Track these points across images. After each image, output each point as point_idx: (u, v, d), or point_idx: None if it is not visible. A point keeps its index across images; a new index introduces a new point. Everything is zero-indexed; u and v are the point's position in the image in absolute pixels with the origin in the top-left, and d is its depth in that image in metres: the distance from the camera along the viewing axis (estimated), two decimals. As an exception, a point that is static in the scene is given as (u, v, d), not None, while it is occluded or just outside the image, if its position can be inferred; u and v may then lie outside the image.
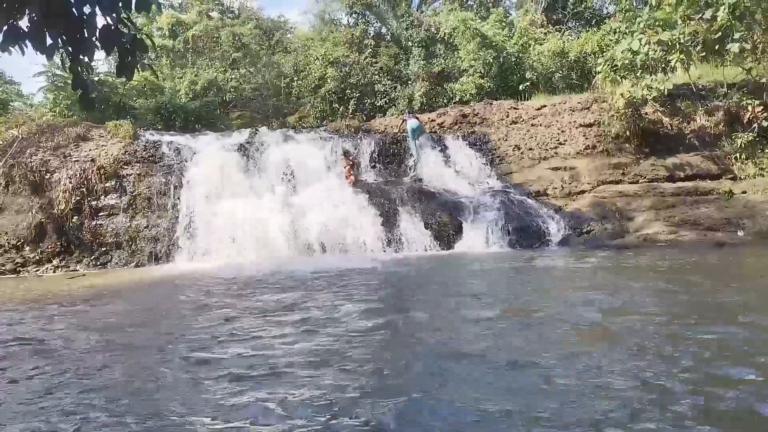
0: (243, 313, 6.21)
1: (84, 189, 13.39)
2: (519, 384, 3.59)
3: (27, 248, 12.58)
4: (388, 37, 27.16)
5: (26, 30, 3.65)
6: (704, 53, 14.88)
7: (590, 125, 15.91)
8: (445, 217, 13.26)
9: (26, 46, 3.69)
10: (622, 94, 14.48)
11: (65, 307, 7.55)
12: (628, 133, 14.96)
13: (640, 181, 14.59)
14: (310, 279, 8.86)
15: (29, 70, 54.82)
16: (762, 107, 14.20)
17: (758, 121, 14.14)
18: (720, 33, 13.89)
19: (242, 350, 4.59)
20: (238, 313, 6.22)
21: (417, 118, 16.48)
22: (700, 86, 15.96)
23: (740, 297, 6.23)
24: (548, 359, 3.99)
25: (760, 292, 6.64)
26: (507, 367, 3.88)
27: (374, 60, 24.87)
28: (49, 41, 3.70)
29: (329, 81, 23.63)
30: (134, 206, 13.47)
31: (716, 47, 14.43)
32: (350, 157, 14.68)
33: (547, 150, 15.80)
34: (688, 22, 14.54)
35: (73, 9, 3.70)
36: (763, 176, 13.91)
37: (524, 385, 3.56)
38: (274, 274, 9.74)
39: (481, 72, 21.48)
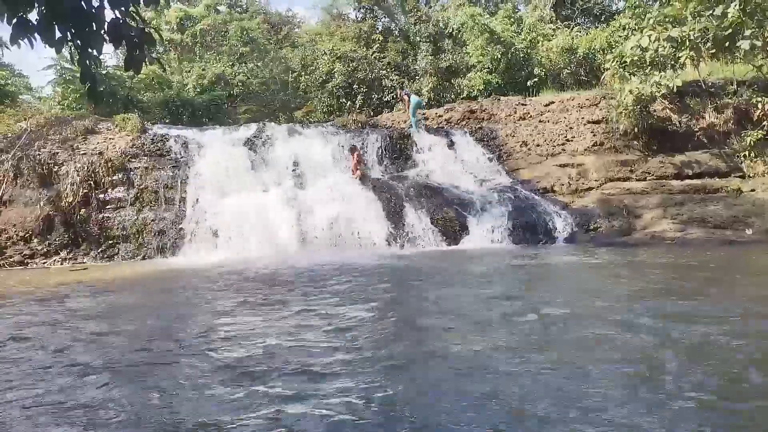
0: (247, 309, 6.19)
1: (91, 182, 13.43)
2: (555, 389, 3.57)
3: (35, 240, 12.63)
4: (396, 32, 27.11)
5: (35, 23, 3.66)
6: (714, 50, 14.76)
7: (598, 122, 15.84)
8: (452, 213, 13.22)
9: (35, 40, 3.70)
10: (630, 91, 14.38)
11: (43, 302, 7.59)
12: (636, 130, 14.88)
13: (648, 178, 14.52)
14: (317, 274, 8.83)
15: (38, 63, 55.25)
16: (772, 105, 14.08)
17: (768, 119, 14.05)
18: (730, 29, 13.77)
19: (245, 348, 4.55)
20: (242, 309, 6.21)
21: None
22: (710, 83, 15.84)
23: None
24: (568, 360, 3.97)
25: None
26: (541, 371, 3.85)
27: (382, 55, 24.84)
28: (57, 35, 3.71)
29: (337, 76, 23.62)
30: (141, 199, 13.50)
31: (726, 44, 14.29)
32: (357, 153, 14.67)
33: (554, 146, 15.76)
34: (698, 18, 14.42)
35: (82, 2, 3.71)
36: (773, 174, 13.80)
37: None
38: (279, 268, 9.74)
39: (489, 68, 21.44)
